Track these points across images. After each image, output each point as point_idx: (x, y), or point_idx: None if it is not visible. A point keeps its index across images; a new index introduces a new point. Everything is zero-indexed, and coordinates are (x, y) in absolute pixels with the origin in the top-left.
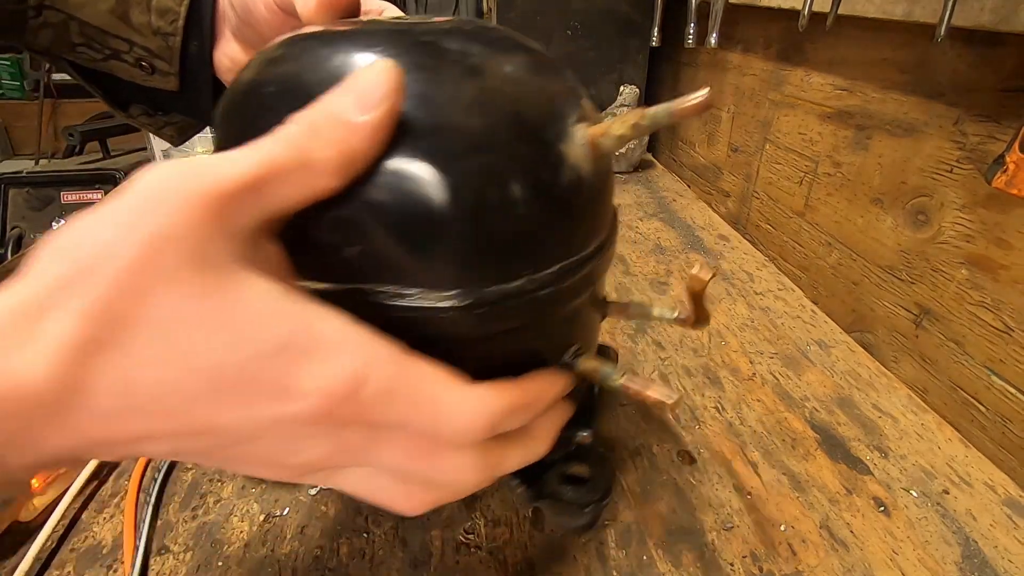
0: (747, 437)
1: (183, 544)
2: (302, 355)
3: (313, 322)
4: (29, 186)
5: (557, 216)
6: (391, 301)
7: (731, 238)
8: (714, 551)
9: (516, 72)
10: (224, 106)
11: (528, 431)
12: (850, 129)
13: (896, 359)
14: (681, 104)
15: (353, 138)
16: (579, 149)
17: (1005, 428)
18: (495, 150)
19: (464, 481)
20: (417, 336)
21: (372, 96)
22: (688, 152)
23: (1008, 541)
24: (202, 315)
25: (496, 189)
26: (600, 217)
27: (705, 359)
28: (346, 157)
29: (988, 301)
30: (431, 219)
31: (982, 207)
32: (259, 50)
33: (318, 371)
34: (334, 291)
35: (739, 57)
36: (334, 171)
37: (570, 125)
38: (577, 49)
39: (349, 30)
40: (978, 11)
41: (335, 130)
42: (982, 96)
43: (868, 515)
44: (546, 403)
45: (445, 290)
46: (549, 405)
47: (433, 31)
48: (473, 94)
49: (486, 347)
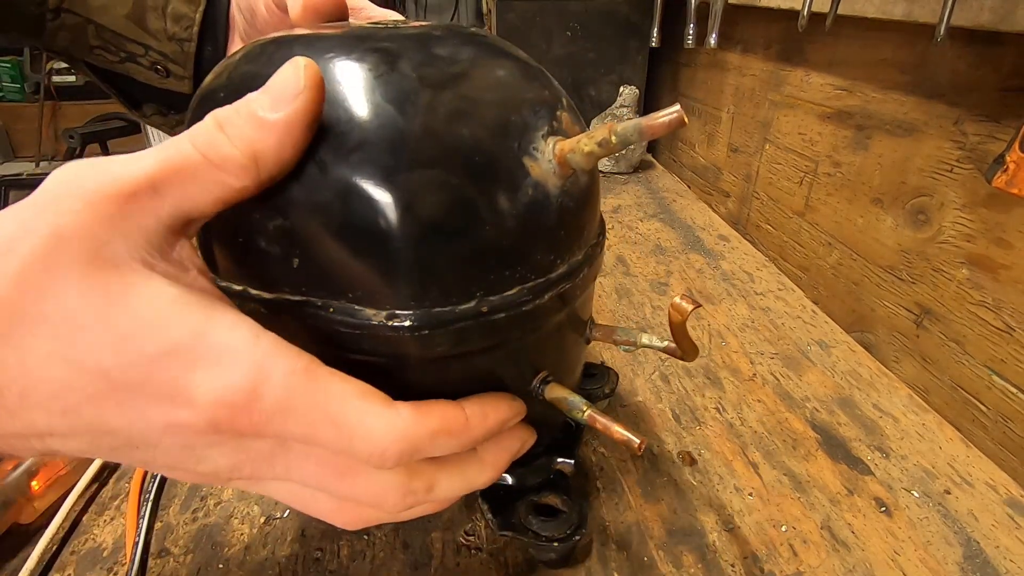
0: (748, 438)
1: (183, 547)
2: (194, 362)
3: (210, 329)
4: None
5: (516, 235)
6: (333, 316)
7: (731, 238)
8: (715, 552)
9: (483, 81)
10: (189, 110)
11: (473, 457)
12: (850, 129)
13: (897, 359)
14: (651, 121)
15: (262, 135)
16: (546, 165)
17: (1006, 428)
18: (444, 164)
19: (390, 503)
20: (359, 354)
21: (285, 93)
22: (688, 152)
23: (1010, 541)
24: (92, 314)
25: (443, 205)
26: (573, 236)
27: (705, 360)
28: (255, 155)
29: (989, 301)
30: (372, 233)
31: (982, 207)
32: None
33: (209, 379)
34: (274, 300)
35: (739, 57)
36: (241, 170)
37: (538, 139)
38: (576, 50)
39: (309, 35)
40: (978, 11)
41: (244, 127)
42: (982, 96)
43: (869, 515)
44: (488, 429)
45: (387, 308)
46: (493, 431)
47: (398, 37)
48: (425, 103)
49: (438, 371)
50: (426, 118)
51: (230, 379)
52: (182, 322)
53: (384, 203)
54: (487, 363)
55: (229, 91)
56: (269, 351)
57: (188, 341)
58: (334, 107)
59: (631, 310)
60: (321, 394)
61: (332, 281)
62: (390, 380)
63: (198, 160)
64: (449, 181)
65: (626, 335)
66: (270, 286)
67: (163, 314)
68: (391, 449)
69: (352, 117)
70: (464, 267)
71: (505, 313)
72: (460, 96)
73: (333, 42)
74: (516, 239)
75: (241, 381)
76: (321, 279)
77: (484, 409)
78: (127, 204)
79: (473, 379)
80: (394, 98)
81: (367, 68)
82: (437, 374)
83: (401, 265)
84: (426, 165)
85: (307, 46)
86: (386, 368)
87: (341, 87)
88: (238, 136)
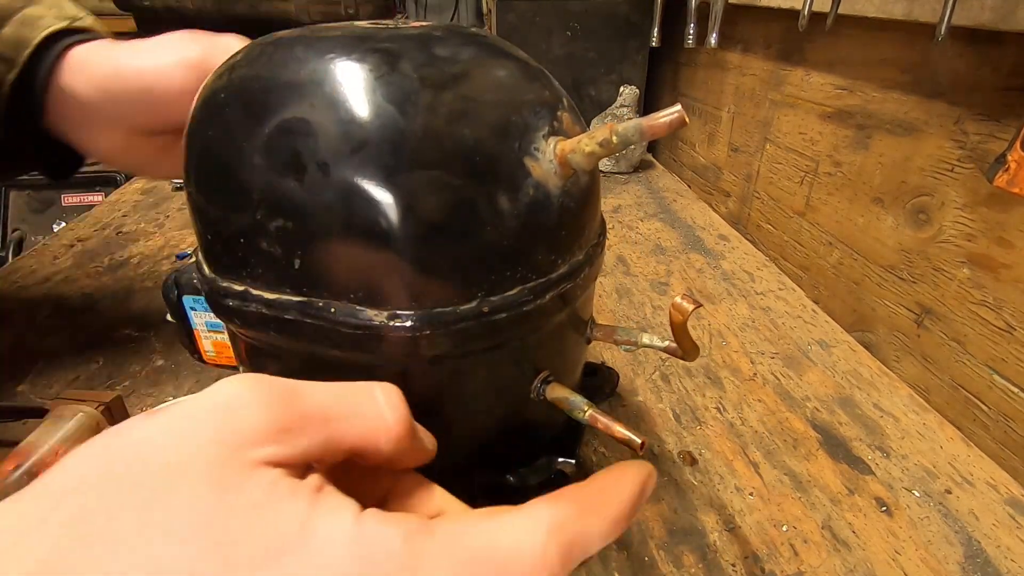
0: (748, 437)
1: None
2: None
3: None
4: (30, 188)
5: (517, 235)
6: (335, 316)
7: (731, 238)
8: (716, 552)
9: (484, 82)
10: (191, 109)
11: None
12: (850, 129)
13: (897, 359)
14: (652, 121)
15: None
16: (546, 165)
17: (1007, 427)
18: (445, 164)
19: None
20: (360, 355)
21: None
22: (688, 152)
23: (1011, 541)
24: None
25: (444, 205)
26: (574, 236)
27: (706, 359)
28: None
29: (990, 300)
30: (373, 233)
31: (983, 206)
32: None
33: None
34: (275, 301)
35: (739, 57)
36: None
37: (538, 139)
38: (577, 49)
39: (310, 36)
40: (978, 10)
41: None
42: (983, 95)
43: (870, 515)
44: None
45: (388, 308)
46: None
47: (398, 37)
48: (426, 104)
49: (439, 371)
50: (427, 118)
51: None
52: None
53: (385, 203)
54: (488, 363)
55: (230, 91)
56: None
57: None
58: (335, 108)
59: (631, 310)
60: (454, 541)
61: (333, 282)
62: (391, 381)
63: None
64: (450, 181)
65: (627, 335)
66: (271, 286)
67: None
68: (551, 551)
69: (353, 118)
70: (465, 267)
71: (506, 313)
72: (461, 96)
73: (334, 42)
74: (517, 239)
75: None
76: (322, 280)
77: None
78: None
79: (474, 379)
80: (395, 99)
81: (368, 68)
82: (438, 374)
83: (402, 265)
84: (427, 165)
85: (308, 47)
86: (387, 369)
87: (342, 88)
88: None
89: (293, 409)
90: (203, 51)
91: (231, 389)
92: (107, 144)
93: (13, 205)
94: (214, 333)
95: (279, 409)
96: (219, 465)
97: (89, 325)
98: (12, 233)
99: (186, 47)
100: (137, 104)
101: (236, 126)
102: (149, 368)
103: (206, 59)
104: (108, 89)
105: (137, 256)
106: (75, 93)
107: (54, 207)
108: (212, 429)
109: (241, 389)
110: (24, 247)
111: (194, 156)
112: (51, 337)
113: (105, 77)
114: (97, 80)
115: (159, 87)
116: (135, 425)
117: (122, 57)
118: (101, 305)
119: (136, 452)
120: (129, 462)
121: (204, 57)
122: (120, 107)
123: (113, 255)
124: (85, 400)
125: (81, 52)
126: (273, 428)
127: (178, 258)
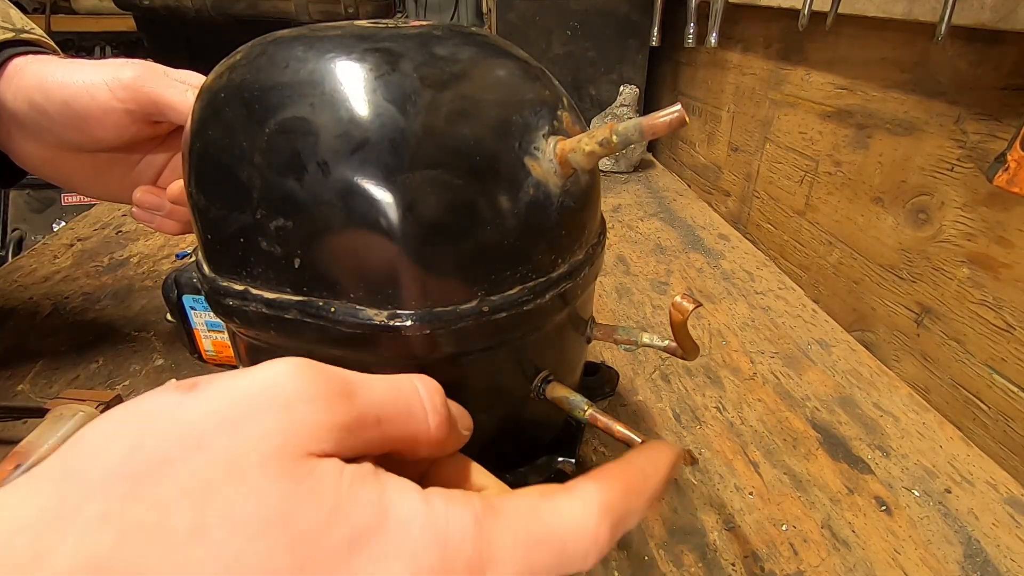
0: (748, 437)
1: None
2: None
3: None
4: (30, 188)
5: (517, 234)
6: (335, 316)
7: (731, 237)
8: (715, 551)
9: (484, 81)
10: (192, 113)
11: None
12: (850, 128)
13: (897, 358)
14: (652, 120)
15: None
16: (547, 164)
17: (1007, 427)
18: (446, 164)
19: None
20: (360, 355)
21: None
22: (688, 151)
23: (1010, 540)
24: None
25: (445, 205)
26: (574, 235)
27: (706, 359)
28: None
29: (989, 300)
30: (373, 233)
31: (983, 206)
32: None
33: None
34: (276, 300)
35: (739, 56)
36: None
37: (539, 138)
38: (577, 49)
39: (310, 35)
40: (978, 9)
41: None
42: (983, 94)
43: (870, 515)
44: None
45: (388, 308)
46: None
47: (399, 37)
48: (426, 103)
49: (440, 371)
50: (427, 118)
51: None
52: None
53: (385, 203)
54: (489, 363)
55: (230, 91)
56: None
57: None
58: (335, 107)
59: (631, 309)
60: (517, 521)
61: (334, 281)
62: None
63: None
64: (450, 181)
65: (627, 334)
66: (271, 286)
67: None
68: (603, 530)
69: (353, 117)
70: (465, 267)
71: (506, 313)
72: (461, 96)
73: (334, 42)
74: (517, 239)
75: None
76: (323, 279)
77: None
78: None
79: (476, 378)
80: (395, 98)
81: (368, 68)
82: (438, 374)
83: (402, 265)
84: (427, 165)
85: (308, 46)
86: (387, 369)
87: (342, 87)
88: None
89: (352, 408)
90: (136, 76)
91: (289, 380)
92: (38, 157)
93: (13, 204)
94: (214, 333)
95: (340, 408)
96: (285, 457)
97: (89, 325)
98: (12, 232)
99: (119, 69)
100: (58, 118)
101: (236, 125)
102: (149, 367)
103: (138, 83)
104: (33, 101)
105: (137, 256)
106: (4, 104)
107: (54, 206)
108: (273, 420)
109: (300, 382)
110: (24, 246)
111: (194, 155)
112: (51, 337)
113: (31, 88)
114: (24, 91)
115: (79, 103)
116: (168, 406)
117: (52, 72)
118: (101, 305)
119: (182, 438)
120: (175, 448)
121: (136, 81)
122: (43, 120)
123: (113, 255)
124: (85, 400)
125: (19, 64)
126: (335, 427)
127: (178, 257)
